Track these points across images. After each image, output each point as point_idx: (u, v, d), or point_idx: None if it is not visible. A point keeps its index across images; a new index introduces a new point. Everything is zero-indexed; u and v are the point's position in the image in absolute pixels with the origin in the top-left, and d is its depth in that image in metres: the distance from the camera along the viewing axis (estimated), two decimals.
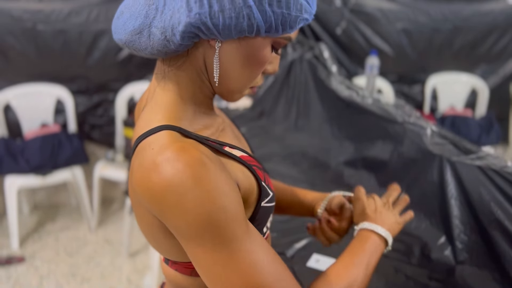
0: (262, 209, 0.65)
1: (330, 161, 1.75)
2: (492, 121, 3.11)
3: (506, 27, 3.24)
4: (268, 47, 0.60)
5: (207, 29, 0.55)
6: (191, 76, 0.63)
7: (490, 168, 1.15)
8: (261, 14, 0.54)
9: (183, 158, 0.52)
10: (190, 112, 0.63)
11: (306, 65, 2.25)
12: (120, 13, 0.63)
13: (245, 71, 0.61)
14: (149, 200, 0.54)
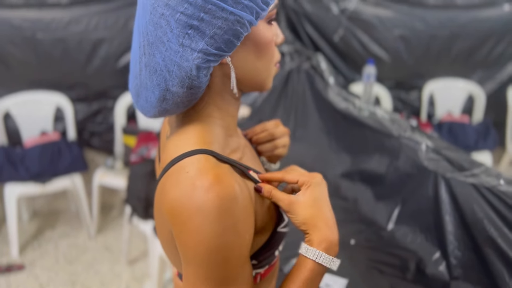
0: (278, 234, 0.68)
1: (327, 172, 1.77)
2: (489, 126, 3.13)
3: (503, 34, 3.27)
4: (266, 27, 0.62)
5: (214, 56, 0.57)
6: (215, 102, 0.64)
7: (484, 185, 1.17)
8: (244, 11, 0.56)
9: (218, 189, 0.54)
10: (220, 136, 0.65)
11: (303, 75, 2.27)
12: (136, 95, 0.66)
13: (262, 59, 0.63)
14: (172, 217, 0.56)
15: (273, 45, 0.64)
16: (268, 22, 0.63)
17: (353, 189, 1.66)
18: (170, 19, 0.55)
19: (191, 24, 0.55)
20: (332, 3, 3.03)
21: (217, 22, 0.55)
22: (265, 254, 0.68)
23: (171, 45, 0.57)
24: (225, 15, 0.55)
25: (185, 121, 0.65)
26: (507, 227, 1.09)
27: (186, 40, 0.56)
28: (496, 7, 3.23)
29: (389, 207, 1.48)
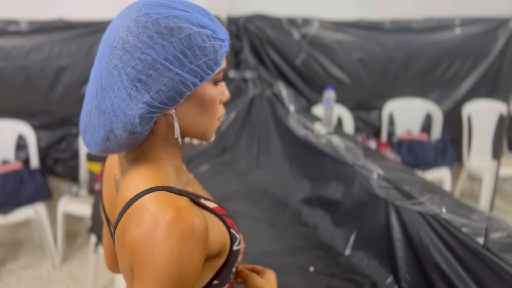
0: (233, 252, 0.74)
1: (289, 199, 1.83)
2: (447, 143, 3.28)
3: (455, 55, 3.45)
4: (211, 87, 0.69)
5: (157, 108, 0.64)
6: (161, 145, 0.71)
7: (428, 213, 1.25)
8: (189, 73, 0.63)
9: (179, 222, 0.58)
10: (172, 174, 0.70)
11: (266, 102, 2.34)
12: (83, 131, 0.71)
13: (205, 114, 0.69)
14: (133, 253, 0.58)
15: (216, 103, 0.71)
16: (214, 83, 0.70)
17: (313, 215, 1.72)
18: (121, 71, 0.62)
19: (140, 78, 0.62)
20: (294, 29, 3.13)
21: (163, 80, 0.62)
22: (225, 273, 0.73)
23: (120, 93, 0.63)
24: (171, 75, 0.62)
25: (136, 163, 0.70)
26: (449, 253, 1.16)
27: (134, 92, 0.62)
28: (449, 31, 3.41)
29: (346, 233, 1.54)
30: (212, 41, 0.65)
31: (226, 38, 0.68)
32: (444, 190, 1.43)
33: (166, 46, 0.62)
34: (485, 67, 3.51)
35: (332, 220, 1.63)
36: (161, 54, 0.61)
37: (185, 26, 0.63)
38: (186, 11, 0.65)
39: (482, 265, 1.07)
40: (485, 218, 1.19)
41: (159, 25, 0.62)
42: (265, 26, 3.12)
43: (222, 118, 0.76)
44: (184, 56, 0.62)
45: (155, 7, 0.63)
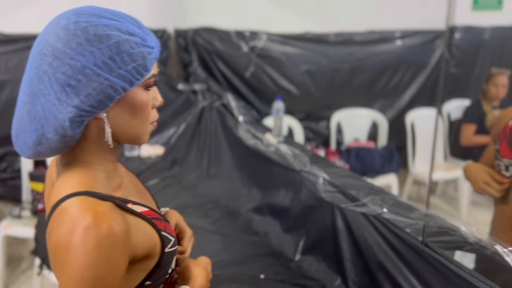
0: (166, 254, 0.75)
1: (240, 208, 1.83)
2: (392, 150, 3.41)
3: (397, 66, 3.63)
4: (141, 92, 0.70)
5: (87, 112, 0.65)
6: (93, 149, 0.71)
7: (371, 214, 1.29)
8: (118, 78, 0.65)
9: (96, 227, 0.59)
10: (101, 179, 0.71)
11: (215, 113, 2.34)
12: (16, 137, 0.71)
13: (136, 118, 0.71)
14: (54, 255, 0.61)
15: (148, 108, 0.72)
16: (145, 87, 0.71)
17: (263, 223, 1.73)
18: (51, 77, 0.64)
19: (69, 83, 0.64)
20: (242, 41, 3.18)
21: (92, 84, 0.64)
22: (158, 274, 0.74)
23: (50, 98, 0.65)
24: (100, 80, 0.65)
25: (67, 168, 0.71)
26: (392, 251, 1.21)
27: (63, 96, 0.64)
28: (390, 42, 3.59)
29: (295, 239, 1.56)
30: (141, 48, 0.68)
31: (156, 45, 0.71)
32: (386, 192, 1.48)
33: (95, 52, 0.64)
34: (425, 77, 3.71)
35: (281, 227, 1.65)
36: (90, 60, 0.64)
37: (114, 34, 0.66)
38: (115, 20, 0.67)
39: (421, 261, 1.12)
40: (421, 216, 1.25)
41: (88, 32, 0.64)
42: (214, 39, 3.15)
43: (155, 123, 0.77)
44: (113, 62, 0.65)
45: (85, 16, 0.66)
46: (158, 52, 0.71)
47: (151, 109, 0.74)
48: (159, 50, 0.71)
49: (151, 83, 0.72)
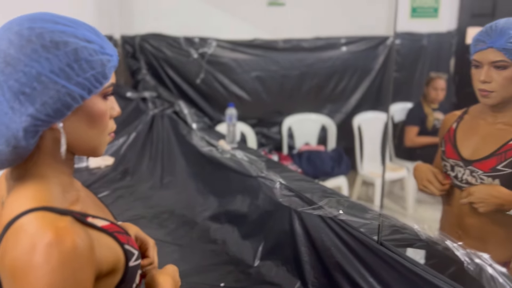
0: (130, 269, 0.73)
1: (197, 217, 1.81)
2: (341, 153, 3.52)
3: (343, 71, 3.75)
4: (100, 101, 0.68)
5: (43, 121, 0.62)
6: (47, 162, 0.68)
7: (328, 216, 1.32)
8: (76, 86, 0.63)
9: (58, 244, 0.56)
10: (57, 193, 0.67)
11: (167, 120, 2.31)
12: None
13: (94, 129, 0.68)
14: (13, 276, 0.56)
15: (106, 117, 0.70)
16: (103, 96, 0.69)
17: (221, 230, 1.72)
18: (3, 85, 0.61)
19: (23, 91, 0.61)
20: (191, 48, 3.16)
21: (49, 92, 0.61)
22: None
23: (1, 107, 0.61)
24: (57, 88, 0.62)
25: (19, 182, 0.67)
26: (349, 252, 1.24)
27: (17, 105, 0.61)
28: (336, 49, 3.70)
29: (254, 244, 1.56)
30: (100, 55, 0.66)
31: (115, 53, 0.69)
32: (340, 194, 1.53)
33: (51, 59, 0.62)
34: (369, 82, 3.87)
35: (240, 234, 1.65)
36: (46, 67, 0.61)
37: (71, 41, 0.63)
38: (71, 27, 0.65)
39: (377, 260, 1.16)
40: (377, 216, 1.29)
41: (43, 38, 0.62)
42: (162, 46, 3.10)
43: (113, 134, 0.75)
44: (71, 69, 0.63)
45: (39, 21, 0.63)
46: (117, 60, 0.69)
47: (109, 119, 0.72)
48: (117, 58, 0.70)
49: (109, 92, 0.70)
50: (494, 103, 1.17)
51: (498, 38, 1.11)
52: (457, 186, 1.26)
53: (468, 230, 1.25)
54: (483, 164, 1.17)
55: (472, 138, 1.24)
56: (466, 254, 0.92)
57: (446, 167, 1.28)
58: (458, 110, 1.41)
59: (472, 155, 1.21)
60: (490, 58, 1.13)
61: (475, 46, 1.18)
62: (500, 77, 1.13)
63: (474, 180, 1.20)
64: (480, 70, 1.17)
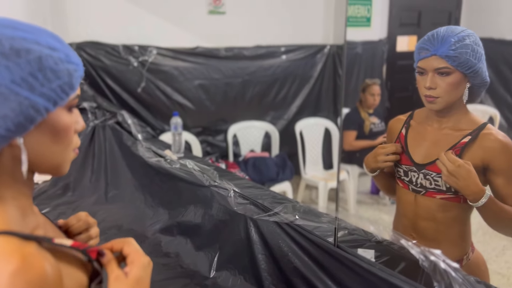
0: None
1: (147, 231, 1.75)
2: (285, 158, 3.58)
3: (284, 79, 3.83)
4: (65, 113, 0.64)
5: (2, 137, 0.57)
6: (7, 184, 0.62)
7: (284, 222, 1.33)
8: (40, 97, 0.58)
9: (25, 272, 0.52)
10: (17, 217, 0.62)
11: (109, 131, 2.22)
12: None
13: (58, 144, 0.64)
14: None
15: (71, 132, 0.66)
16: (68, 109, 0.65)
17: (173, 243, 1.67)
18: None
19: None
20: (131, 56, 3.07)
21: (10, 104, 0.56)
22: None
23: None
24: (19, 99, 0.57)
25: None
26: (305, 256, 1.26)
27: None
28: (276, 57, 3.78)
29: (209, 255, 1.54)
30: (66, 64, 0.62)
31: (80, 62, 0.65)
32: (289, 199, 1.55)
33: (12, 68, 0.56)
34: (309, 89, 3.98)
35: (193, 245, 1.62)
36: (6, 76, 0.56)
37: (34, 48, 0.59)
38: (33, 33, 0.60)
39: (334, 262, 1.19)
40: (331, 220, 1.33)
41: (2, 45, 0.57)
42: (100, 54, 2.99)
43: (77, 150, 0.71)
44: (34, 79, 0.58)
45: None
46: (83, 69, 0.65)
47: (74, 134, 0.67)
48: (83, 68, 0.66)
49: (75, 104, 0.66)
50: (440, 109, 1.23)
51: (441, 46, 1.17)
52: (413, 190, 1.31)
53: (422, 233, 1.31)
54: (435, 166, 1.23)
55: (422, 143, 1.30)
56: (420, 252, 0.96)
57: (400, 172, 1.33)
58: (392, 114, 1.47)
59: (424, 159, 1.27)
60: (434, 65, 1.19)
61: (419, 54, 1.23)
62: (444, 83, 1.19)
63: (429, 183, 1.26)
64: (425, 77, 1.22)
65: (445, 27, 1.22)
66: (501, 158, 1.17)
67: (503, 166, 1.18)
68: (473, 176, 1.12)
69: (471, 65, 1.17)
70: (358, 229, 1.36)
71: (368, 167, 1.38)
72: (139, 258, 0.67)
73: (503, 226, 1.21)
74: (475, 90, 1.25)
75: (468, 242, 1.32)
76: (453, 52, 1.16)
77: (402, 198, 1.35)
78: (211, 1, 3.39)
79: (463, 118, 1.25)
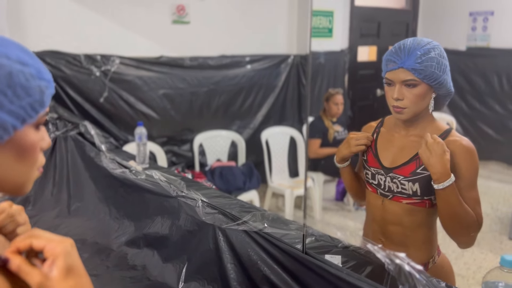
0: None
1: (112, 244, 1.71)
2: (252, 167, 3.59)
3: (249, 88, 3.86)
4: (32, 131, 0.61)
5: None
6: None
7: (253, 230, 1.34)
8: (9, 115, 0.56)
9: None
10: None
11: (71, 143, 2.15)
12: None
13: (23, 163, 0.61)
14: None
15: (37, 150, 0.63)
16: (36, 126, 0.62)
17: (140, 255, 1.64)
18: None
19: None
20: (92, 66, 3.01)
21: None
22: None
23: None
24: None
25: None
26: (275, 263, 1.27)
27: None
28: (241, 67, 3.80)
29: (177, 267, 1.52)
30: (37, 80, 0.59)
31: (51, 78, 0.63)
32: (256, 207, 1.56)
33: None
34: (274, 98, 4.03)
35: (161, 257, 1.59)
36: None
37: (4, 63, 0.56)
38: (2, 46, 0.57)
39: (303, 268, 1.20)
40: (299, 227, 1.34)
41: None
42: (60, 64, 2.91)
43: (41, 169, 0.68)
44: (3, 95, 0.55)
45: None
46: (53, 86, 0.63)
47: (39, 152, 0.64)
48: (54, 84, 0.63)
49: (43, 122, 0.63)
50: (407, 118, 1.28)
51: (407, 58, 1.21)
52: (381, 194, 1.34)
53: (390, 237, 1.35)
54: (402, 170, 1.28)
55: (389, 149, 1.35)
56: (386, 255, 0.99)
57: (368, 175, 1.37)
58: (354, 122, 1.52)
59: (391, 163, 1.32)
60: (401, 78, 1.23)
61: (387, 66, 1.27)
62: (411, 95, 1.23)
63: (396, 186, 1.30)
64: (393, 88, 1.26)
65: (411, 38, 1.26)
66: (464, 163, 1.22)
67: (465, 170, 1.22)
68: (446, 158, 1.15)
69: (436, 77, 1.21)
70: (325, 236, 1.38)
71: (340, 155, 1.40)
72: (56, 248, 0.56)
73: (455, 221, 1.22)
74: (441, 100, 1.31)
75: (434, 246, 1.36)
76: (419, 65, 1.20)
77: (371, 203, 1.39)
78: (174, 10, 3.38)
79: (429, 125, 1.31)
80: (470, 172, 1.23)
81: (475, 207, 1.24)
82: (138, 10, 3.22)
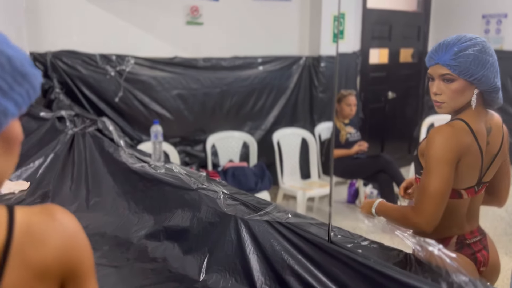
0: None
1: (132, 237, 1.71)
2: (264, 168, 3.59)
3: (261, 90, 3.87)
4: (17, 123, 0.58)
5: None
6: None
7: (276, 221, 1.34)
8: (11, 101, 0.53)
9: None
10: None
11: (89, 139, 2.17)
12: None
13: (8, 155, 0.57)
14: None
15: (19, 143, 0.60)
16: (20, 118, 0.60)
17: (160, 248, 1.64)
18: None
19: None
20: (107, 65, 3.03)
21: None
22: None
23: None
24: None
25: None
26: (299, 253, 1.26)
27: None
28: (253, 68, 3.81)
29: (198, 259, 1.52)
30: (31, 67, 0.57)
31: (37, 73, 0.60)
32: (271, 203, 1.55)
33: None
34: (285, 99, 4.03)
35: (181, 249, 1.59)
36: None
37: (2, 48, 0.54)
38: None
39: (328, 258, 1.20)
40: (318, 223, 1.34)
41: None
42: (76, 63, 2.94)
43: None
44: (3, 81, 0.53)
45: None
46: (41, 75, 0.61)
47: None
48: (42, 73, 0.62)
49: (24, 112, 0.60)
50: (446, 113, 1.32)
51: (443, 54, 1.25)
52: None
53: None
54: None
55: None
56: (416, 242, 0.99)
57: None
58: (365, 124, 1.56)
59: None
60: (438, 72, 1.28)
61: (429, 62, 1.32)
62: (449, 90, 1.27)
63: None
64: (433, 83, 1.31)
65: (455, 35, 1.29)
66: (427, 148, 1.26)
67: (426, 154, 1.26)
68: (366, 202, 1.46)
69: (472, 73, 1.23)
70: (344, 231, 1.38)
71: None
72: None
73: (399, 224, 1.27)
74: (487, 96, 1.31)
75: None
76: (453, 61, 1.24)
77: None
78: (188, 11, 3.41)
79: None
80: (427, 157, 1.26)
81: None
82: (152, 11, 3.25)
